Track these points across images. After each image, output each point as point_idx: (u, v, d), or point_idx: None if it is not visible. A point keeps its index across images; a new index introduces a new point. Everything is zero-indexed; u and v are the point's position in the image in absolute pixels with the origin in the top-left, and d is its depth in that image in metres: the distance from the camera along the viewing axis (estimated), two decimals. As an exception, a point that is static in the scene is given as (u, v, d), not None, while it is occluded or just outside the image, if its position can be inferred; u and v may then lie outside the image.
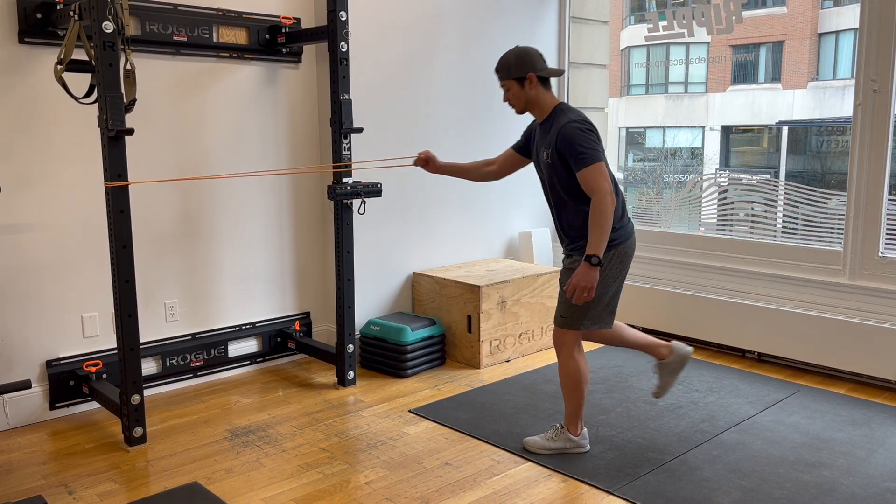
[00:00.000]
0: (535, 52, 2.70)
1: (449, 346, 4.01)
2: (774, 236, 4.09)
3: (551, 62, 4.83)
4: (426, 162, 3.18)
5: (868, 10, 3.46)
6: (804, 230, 3.93)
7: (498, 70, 2.74)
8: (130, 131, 2.67)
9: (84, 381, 3.22)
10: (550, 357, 4.03)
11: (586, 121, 2.60)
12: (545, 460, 2.77)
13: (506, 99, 2.77)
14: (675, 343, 2.95)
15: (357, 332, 3.87)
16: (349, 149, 3.44)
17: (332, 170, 3.47)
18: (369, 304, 4.03)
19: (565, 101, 4.85)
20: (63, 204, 3.15)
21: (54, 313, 3.18)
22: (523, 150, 2.94)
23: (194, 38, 3.39)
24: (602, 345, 3.31)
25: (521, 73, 2.66)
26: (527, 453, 2.83)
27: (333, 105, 3.41)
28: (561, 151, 2.57)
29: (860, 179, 3.55)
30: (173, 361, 3.54)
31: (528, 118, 2.83)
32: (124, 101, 2.73)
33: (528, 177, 3.78)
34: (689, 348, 2.94)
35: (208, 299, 3.65)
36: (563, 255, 2.81)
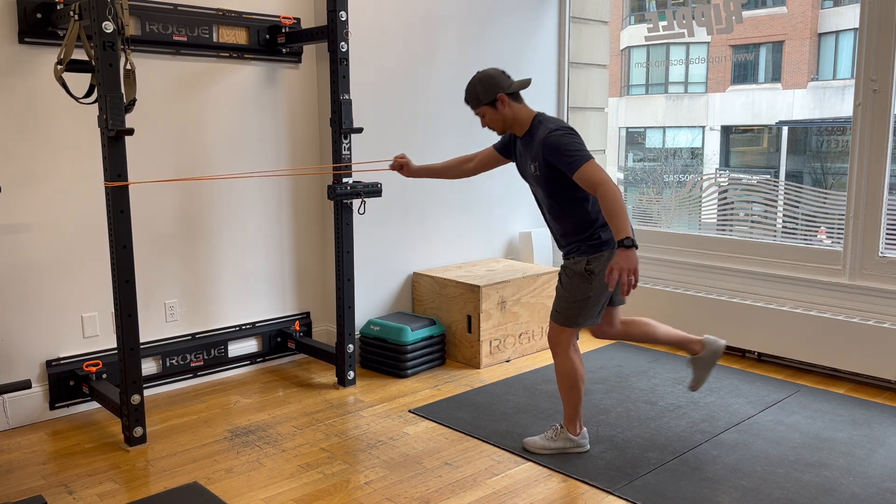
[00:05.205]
0: (497, 72, 2.71)
1: (449, 346, 4.01)
2: (774, 236, 4.09)
3: (551, 62, 4.85)
4: (401, 167, 3.19)
5: (868, 10, 3.46)
6: (804, 230, 3.93)
7: (467, 100, 2.76)
8: (130, 131, 2.67)
9: (84, 381, 3.22)
10: (550, 357, 4.03)
11: (566, 126, 2.62)
12: (545, 460, 2.77)
13: (484, 125, 2.79)
14: (706, 338, 2.95)
15: (357, 332, 3.87)
16: (349, 149, 3.44)
17: (331, 172, 3.47)
18: (369, 304, 4.03)
19: (566, 101, 4.85)
20: (63, 204, 3.15)
21: (54, 313, 3.18)
22: (504, 151, 2.95)
23: (194, 38, 3.39)
24: (634, 342, 3.19)
25: (491, 96, 2.67)
26: (527, 453, 2.83)
27: (333, 105, 3.41)
28: (549, 161, 2.58)
29: (860, 179, 3.55)
30: (173, 361, 3.54)
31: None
32: (124, 101, 2.73)
33: (528, 177, 3.77)
34: (722, 341, 2.94)
35: (208, 299, 3.65)
36: (563, 255, 2.82)
